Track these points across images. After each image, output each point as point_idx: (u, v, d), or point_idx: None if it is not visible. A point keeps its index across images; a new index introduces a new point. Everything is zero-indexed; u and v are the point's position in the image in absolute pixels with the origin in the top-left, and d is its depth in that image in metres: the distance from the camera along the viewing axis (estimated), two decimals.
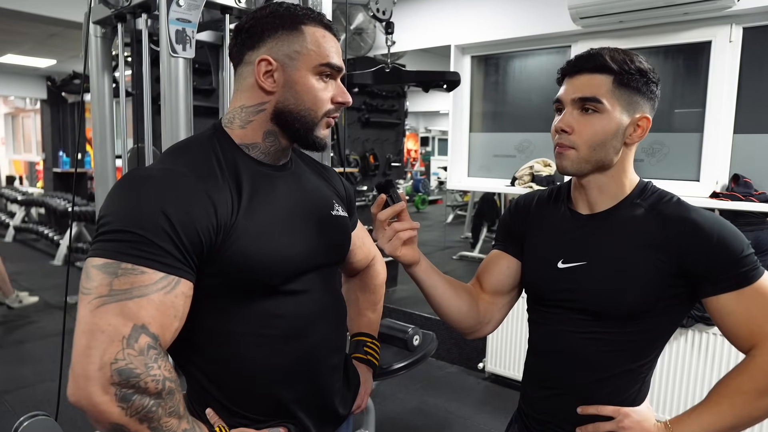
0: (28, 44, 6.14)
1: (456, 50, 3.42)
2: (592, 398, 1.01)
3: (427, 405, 3.08)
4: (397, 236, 0.98)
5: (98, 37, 1.70)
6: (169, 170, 0.87)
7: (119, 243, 0.78)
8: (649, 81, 0.96)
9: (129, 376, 0.74)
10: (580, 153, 0.97)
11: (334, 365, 1.05)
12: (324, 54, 0.95)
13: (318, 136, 0.98)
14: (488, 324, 1.16)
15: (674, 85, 2.79)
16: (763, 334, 0.90)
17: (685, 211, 0.95)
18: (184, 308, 0.83)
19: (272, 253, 0.91)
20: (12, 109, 10.40)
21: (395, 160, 5.19)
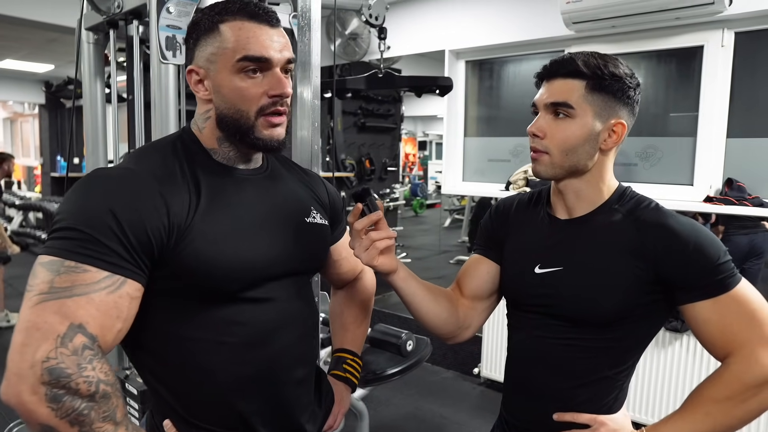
0: (26, 49, 6.15)
1: (450, 55, 3.43)
2: (568, 405, 1.00)
3: (421, 410, 3.07)
4: (373, 246, 0.97)
5: (91, 44, 1.72)
6: (126, 170, 0.86)
7: (66, 241, 0.77)
8: (625, 86, 0.95)
9: (59, 375, 0.71)
10: (552, 158, 0.97)
11: (300, 378, 1.00)
12: (241, 47, 0.88)
13: (259, 137, 0.92)
14: (468, 329, 1.15)
15: (667, 89, 2.80)
16: (738, 342, 0.89)
17: (662, 217, 0.94)
18: (129, 309, 0.80)
19: (230, 258, 0.87)
20: (11, 113, 10.41)
21: (391, 164, 5.20)
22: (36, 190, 9.94)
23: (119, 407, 0.77)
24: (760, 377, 0.87)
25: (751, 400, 0.88)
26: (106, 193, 0.81)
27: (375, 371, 2.49)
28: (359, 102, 4.76)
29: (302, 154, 1.43)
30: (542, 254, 1.03)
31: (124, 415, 0.78)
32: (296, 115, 1.43)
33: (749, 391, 0.87)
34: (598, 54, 0.97)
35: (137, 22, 1.50)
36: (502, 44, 3.20)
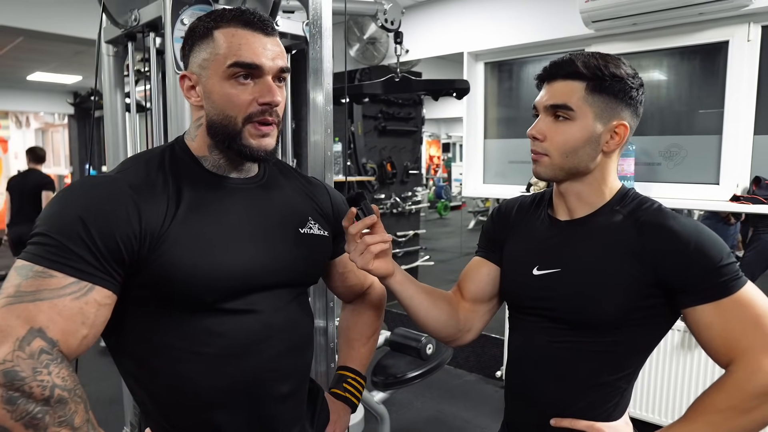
0: (55, 62, 6.33)
1: (469, 57, 3.42)
2: (567, 410, 0.98)
3: (443, 414, 3.06)
4: (368, 249, 0.96)
5: (110, 56, 1.76)
6: (104, 178, 0.87)
7: (38, 246, 0.78)
8: (627, 86, 0.93)
9: (14, 378, 0.72)
10: (552, 160, 0.96)
11: (285, 394, 0.97)
12: (232, 53, 0.87)
13: (245, 145, 0.90)
14: (469, 332, 1.14)
15: (691, 86, 2.74)
16: (741, 349, 0.85)
17: (662, 218, 0.92)
18: (96, 316, 0.80)
19: (206, 268, 0.86)
20: (42, 124, 10.72)
21: (413, 167, 5.19)
22: None
23: (78, 413, 0.77)
24: (764, 386, 0.83)
25: (755, 410, 0.84)
26: (79, 201, 0.82)
27: (395, 375, 2.50)
28: (380, 106, 4.77)
29: (315, 159, 1.44)
30: (541, 256, 1.01)
31: (84, 421, 0.78)
32: (310, 120, 1.44)
33: (753, 401, 0.84)
34: (599, 54, 0.95)
35: (153, 35, 1.53)
36: (520, 45, 3.18)
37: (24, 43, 5.27)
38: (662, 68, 2.81)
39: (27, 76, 7.19)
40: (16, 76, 7.24)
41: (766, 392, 0.83)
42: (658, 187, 2.78)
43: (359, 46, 3.71)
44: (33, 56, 6.00)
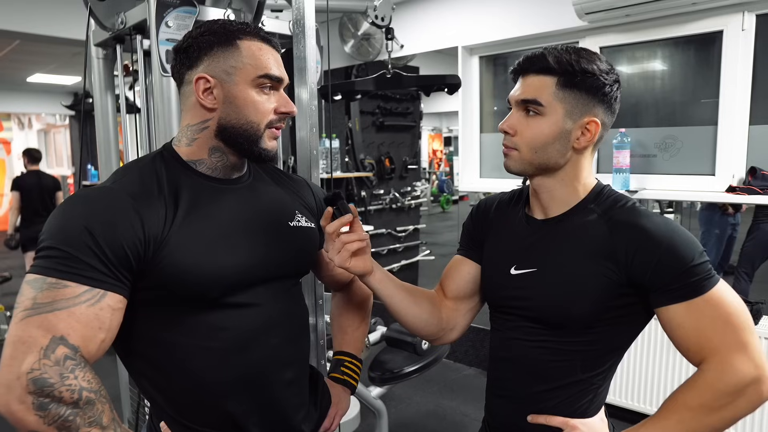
0: (53, 64, 6.35)
1: (463, 51, 3.41)
2: (543, 407, 0.98)
3: (442, 408, 3.07)
4: (345, 248, 0.97)
5: (100, 59, 1.77)
6: (103, 189, 0.90)
7: (47, 259, 0.81)
8: (599, 83, 0.92)
9: (43, 385, 0.75)
10: (522, 154, 0.96)
11: (289, 380, 1.03)
12: (261, 66, 0.95)
13: (264, 148, 0.98)
14: (453, 330, 1.14)
15: (686, 77, 2.73)
16: (712, 348, 0.86)
17: (635, 216, 0.91)
18: (111, 320, 0.84)
19: (208, 266, 0.90)
20: (44, 125, 10.76)
21: (411, 162, 5.19)
22: None
23: (105, 412, 0.81)
24: (734, 384, 0.84)
25: (725, 407, 0.85)
26: (83, 212, 0.84)
27: (392, 370, 2.51)
28: (377, 101, 4.75)
29: (302, 155, 1.45)
30: (518, 255, 1.01)
31: (111, 420, 0.82)
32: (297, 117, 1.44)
33: (723, 399, 0.84)
34: (573, 49, 0.94)
35: (140, 37, 1.54)
36: (514, 38, 3.17)
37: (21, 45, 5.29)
38: (656, 59, 2.80)
39: (27, 78, 7.22)
40: (16, 78, 7.27)
41: (735, 390, 0.84)
42: (654, 178, 2.77)
43: (354, 42, 3.71)
44: (32, 58, 6.02)
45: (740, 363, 0.84)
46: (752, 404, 0.85)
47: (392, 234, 4.97)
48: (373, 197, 4.80)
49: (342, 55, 3.88)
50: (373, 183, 4.78)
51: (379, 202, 4.84)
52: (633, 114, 2.85)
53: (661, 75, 2.80)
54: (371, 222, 4.66)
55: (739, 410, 0.85)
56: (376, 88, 2.50)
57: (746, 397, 0.84)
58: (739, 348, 0.85)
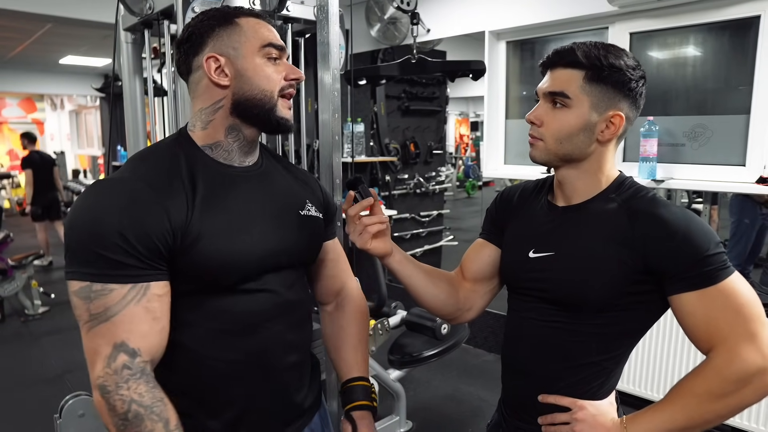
0: (86, 46, 6.48)
1: (490, 36, 3.37)
2: (554, 387, 1.01)
3: (460, 392, 3.10)
4: (366, 230, 1.02)
5: (129, 43, 1.80)
6: (126, 181, 0.91)
7: (86, 265, 0.85)
8: (626, 78, 0.94)
9: (104, 392, 0.83)
10: (547, 145, 0.98)
11: (292, 363, 1.06)
12: (264, 37, 0.99)
13: (280, 116, 1.01)
14: (470, 311, 1.18)
15: (718, 64, 2.65)
16: (721, 337, 0.87)
17: (654, 206, 0.93)
18: (161, 307, 0.89)
19: (227, 253, 0.93)
20: (75, 106, 10.99)
21: (436, 147, 5.17)
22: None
23: (154, 431, 0.84)
24: (740, 373, 0.85)
25: (730, 395, 0.86)
26: (109, 211, 0.86)
27: (411, 353, 2.54)
28: (403, 86, 4.74)
29: (325, 139, 1.46)
30: (537, 239, 1.04)
31: None
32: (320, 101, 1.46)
33: (729, 387, 0.86)
34: (601, 44, 0.96)
35: (167, 22, 1.56)
36: (542, 23, 3.11)
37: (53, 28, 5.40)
38: (688, 46, 2.73)
39: (59, 60, 7.38)
40: (49, 60, 7.43)
41: (741, 378, 0.85)
42: (682, 168, 2.72)
43: (380, 26, 3.69)
44: (63, 40, 6.15)
45: (748, 352, 0.85)
46: (758, 394, 0.86)
47: (416, 219, 4.99)
48: (398, 182, 4.81)
49: (368, 39, 3.87)
50: (398, 168, 4.78)
51: (404, 186, 4.85)
52: (662, 102, 2.79)
53: (693, 62, 2.73)
54: (395, 206, 4.67)
55: (744, 399, 0.86)
56: (401, 73, 2.49)
57: (752, 386, 0.85)
58: (747, 338, 0.86)
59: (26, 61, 7.58)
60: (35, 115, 11.61)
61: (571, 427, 0.97)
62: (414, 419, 2.78)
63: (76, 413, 1.64)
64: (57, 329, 4.24)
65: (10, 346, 3.95)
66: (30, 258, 4.51)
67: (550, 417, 1.00)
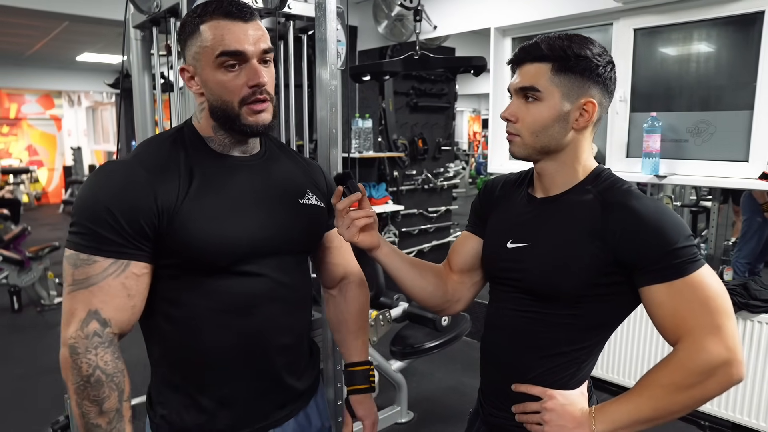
0: (101, 43, 6.58)
1: (496, 32, 3.39)
2: (526, 376, 1.03)
3: (463, 385, 3.14)
4: (353, 223, 1.04)
5: (138, 40, 1.87)
6: (125, 163, 0.99)
7: (78, 235, 0.92)
8: (592, 65, 0.96)
9: (73, 352, 0.90)
10: (524, 140, 1.00)
11: (286, 346, 1.08)
12: (217, 44, 0.96)
13: (245, 124, 1.00)
14: (458, 302, 1.20)
15: (722, 60, 2.66)
16: (687, 328, 0.89)
17: (627, 198, 0.94)
18: (137, 286, 0.95)
19: (217, 237, 0.97)
20: (92, 102, 11.15)
21: (445, 144, 5.20)
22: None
23: (110, 398, 0.91)
24: (705, 365, 0.87)
25: (694, 386, 0.88)
26: (102, 189, 0.94)
27: (413, 345, 2.59)
28: (411, 82, 4.77)
29: (322, 134, 1.51)
30: (516, 230, 1.06)
31: (113, 409, 0.92)
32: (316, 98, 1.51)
33: (693, 378, 0.88)
34: (565, 35, 0.98)
35: (174, 20, 1.62)
36: (547, 20, 3.13)
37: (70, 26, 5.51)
38: (692, 42, 2.74)
39: (76, 57, 7.50)
40: (66, 57, 7.56)
41: (705, 371, 0.87)
42: (685, 164, 2.73)
43: (387, 23, 3.73)
44: (80, 38, 6.26)
45: (712, 345, 0.87)
46: (721, 386, 0.88)
47: (423, 214, 5.02)
48: (405, 177, 4.84)
49: (376, 35, 3.91)
50: (406, 163, 4.81)
51: (411, 182, 4.88)
52: (665, 98, 2.80)
53: (696, 58, 2.74)
54: (403, 202, 4.71)
55: (708, 390, 0.88)
56: (404, 69, 2.54)
57: (716, 378, 0.87)
58: (712, 330, 0.87)
59: (44, 59, 7.72)
60: (53, 111, 11.81)
61: (541, 416, 0.99)
62: (416, 410, 2.83)
63: None
64: None
65: (26, 335, 4.06)
66: (47, 249, 4.63)
67: (522, 406, 1.02)
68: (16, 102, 11.30)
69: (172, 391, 1.03)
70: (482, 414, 1.14)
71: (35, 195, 11.24)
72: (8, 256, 4.42)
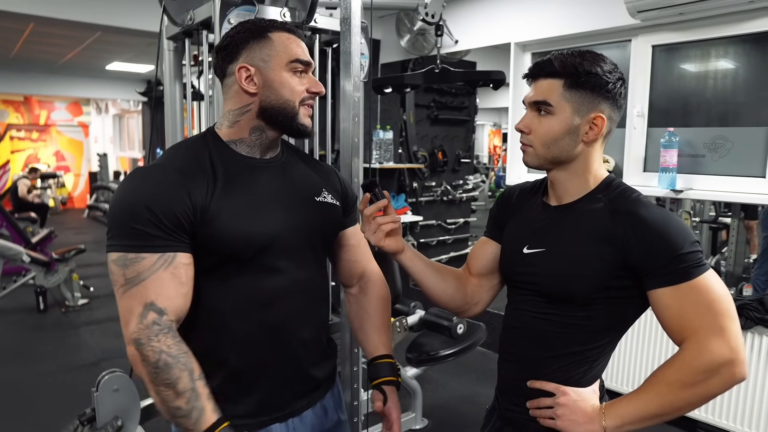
0: (131, 53, 6.79)
1: (516, 48, 3.45)
2: (541, 373, 1.08)
3: (478, 395, 3.16)
4: (380, 228, 1.11)
5: (170, 51, 1.96)
6: (156, 167, 1.06)
7: (121, 237, 0.99)
8: (603, 81, 1.01)
9: (138, 345, 0.96)
10: (536, 150, 1.06)
11: (306, 338, 1.15)
12: (292, 53, 1.10)
13: (301, 123, 1.13)
14: (477, 304, 1.26)
15: (740, 77, 2.68)
16: (692, 329, 0.93)
17: (636, 206, 0.99)
18: (186, 274, 1.02)
19: (243, 230, 1.05)
20: (119, 110, 11.44)
21: (465, 156, 5.25)
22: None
23: (182, 379, 0.97)
24: (709, 364, 0.91)
25: (699, 384, 0.92)
26: (138, 190, 1.02)
27: (429, 352, 2.63)
28: (432, 95, 4.84)
29: (344, 144, 1.58)
30: (531, 236, 1.12)
31: (189, 389, 0.97)
32: (340, 109, 1.58)
33: (698, 376, 0.92)
34: (578, 52, 1.03)
35: (206, 32, 1.71)
36: (566, 35, 3.19)
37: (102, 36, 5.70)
38: (710, 58, 2.76)
39: (106, 66, 7.73)
40: (96, 66, 7.80)
41: (709, 369, 0.92)
42: (702, 179, 2.75)
43: (409, 37, 3.81)
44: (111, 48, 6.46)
45: (716, 345, 0.91)
46: (725, 384, 0.92)
47: (442, 226, 5.07)
48: (425, 189, 4.90)
49: (398, 49, 3.99)
50: (425, 175, 4.87)
51: (431, 194, 4.94)
52: (683, 113, 2.83)
53: (714, 74, 2.76)
54: (422, 213, 4.76)
55: (712, 388, 0.93)
56: (424, 82, 2.60)
57: (719, 376, 0.92)
58: (716, 331, 0.92)
59: (75, 67, 7.98)
60: (81, 118, 12.14)
61: (554, 411, 1.04)
62: (431, 417, 2.86)
63: (112, 388, 1.80)
64: (95, 320, 4.47)
65: (51, 335, 4.19)
66: (72, 252, 4.77)
67: (536, 401, 1.08)
68: (46, 109, 11.64)
69: None
70: (498, 409, 1.20)
71: (61, 200, 11.53)
72: (36, 258, 4.56)
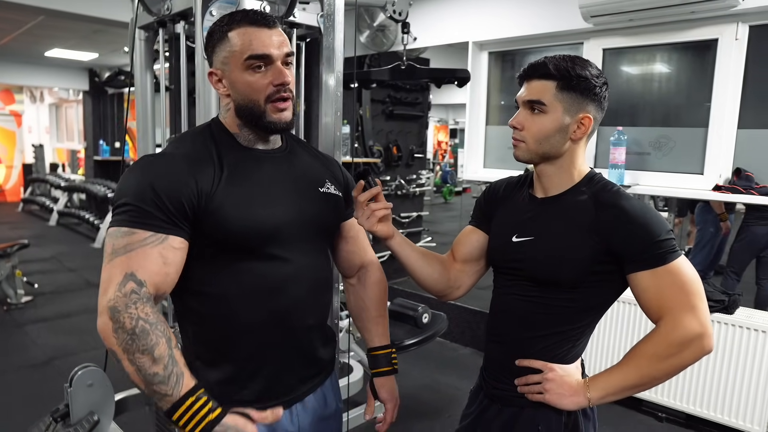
0: (73, 39, 6.49)
1: (474, 46, 3.57)
2: (527, 352, 1.17)
3: (437, 383, 3.26)
4: (373, 214, 1.16)
5: (142, 40, 1.94)
6: (164, 154, 1.10)
7: (121, 214, 1.01)
8: (591, 85, 1.10)
9: (114, 312, 0.95)
10: (528, 146, 1.14)
11: (310, 325, 1.19)
12: (246, 49, 1.07)
13: (270, 121, 1.11)
14: (459, 288, 1.34)
15: (681, 81, 2.89)
16: (668, 308, 1.04)
17: (617, 198, 1.10)
18: (173, 257, 1.02)
19: (248, 218, 1.07)
20: (56, 99, 10.90)
21: (418, 151, 5.35)
22: (79, 173, 10.44)
23: (159, 345, 0.96)
24: (682, 338, 1.03)
25: (673, 356, 1.04)
26: (148, 173, 1.04)
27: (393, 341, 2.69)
28: (388, 90, 4.91)
29: (326, 139, 1.61)
30: (519, 226, 1.20)
31: (166, 355, 0.96)
32: (321, 104, 1.62)
33: (672, 349, 1.04)
34: (569, 57, 1.12)
35: (183, 22, 1.71)
36: (523, 36, 3.32)
37: (45, 20, 5.44)
38: (655, 63, 2.96)
39: (45, 53, 7.35)
40: (35, 52, 7.39)
41: (682, 342, 1.03)
42: (647, 175, 2.95)
43: (369, 33, 3.86)
44: (53, 33, 6.16)
45: (688, 321, 1.03)
46: (695, 355, 1.04)
47: (396, 219, 5.16)
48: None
49: (357, 44, 4.03)
50: (380, 169, 4.94)
51: (386, 188, 5.01)
52: (630, 114, 3.02)
53: (659, 78, 2.96)
54: None
55: (684, 360, 1.04)
56: (391, 78, 2.67)
57: (690, 349, 1.04)
58: (689, 309, 1.03)
59: (11, 52, 7.53)
60: (13, 106, 11.48)
61: (542, 386, 1.14)
62: None
63: (86, 383, 1.76)
64: (41, 318, 4.29)
65: None
66: (15, 247, 4.55)
67: (525, 378, 1.17)
68: None
69: (205, 365, 1.12)
70: (485, 388, 1.27)
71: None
72: None
